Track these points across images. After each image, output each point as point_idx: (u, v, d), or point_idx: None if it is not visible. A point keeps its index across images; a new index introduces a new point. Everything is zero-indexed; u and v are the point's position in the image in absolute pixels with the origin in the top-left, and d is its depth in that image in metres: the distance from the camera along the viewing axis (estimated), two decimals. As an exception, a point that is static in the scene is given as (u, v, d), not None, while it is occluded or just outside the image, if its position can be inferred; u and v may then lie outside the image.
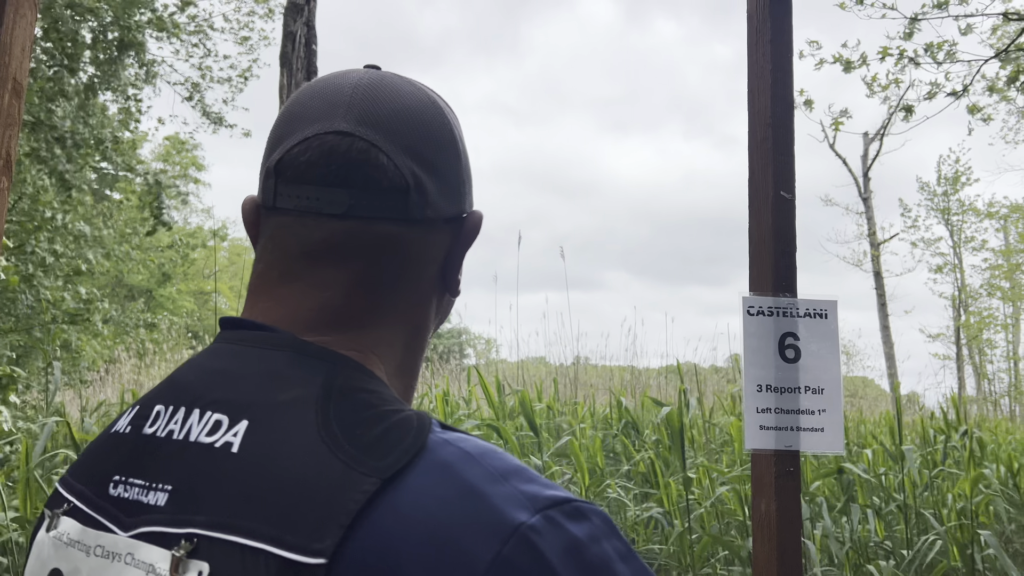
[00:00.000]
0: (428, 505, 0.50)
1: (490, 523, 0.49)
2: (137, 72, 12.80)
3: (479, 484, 0.51)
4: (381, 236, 0.65)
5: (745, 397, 1.24)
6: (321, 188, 0.64)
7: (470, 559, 0.47)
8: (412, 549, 0.48)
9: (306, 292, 0.64)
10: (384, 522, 0.49)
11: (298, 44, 8.65)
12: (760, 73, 1.31)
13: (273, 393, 0.58)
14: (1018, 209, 24.72)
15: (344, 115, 0.65)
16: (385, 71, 0.73)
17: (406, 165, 0.65)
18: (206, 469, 0.55)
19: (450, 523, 0.49)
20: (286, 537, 0.49)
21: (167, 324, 19.43)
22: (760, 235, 1.30)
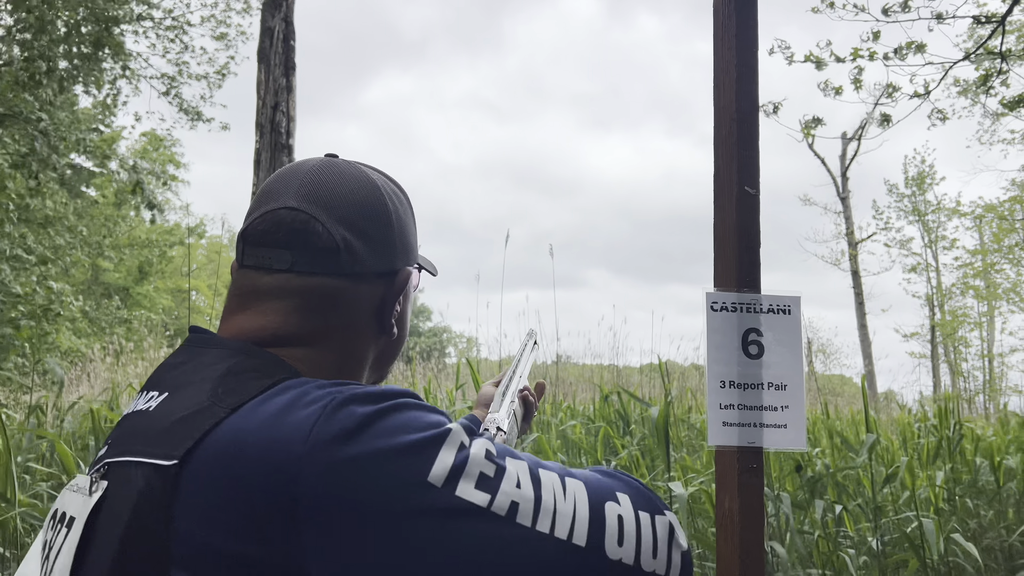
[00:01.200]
0: (253, 421, 0.70)
1: (293, 424, 0.68)
2: (113, 67, 12.64)
3: (293, 402, 0.71)
4: (316, 284, 0.86)
5: (708, 393, 1.23)
6: (272, 249, 0.86)
7: (280, 453, 0.67)
8: (241, 451, 0.68)
9: (254, 317, 0.85)
10: (223, 434, 0.70)
11: (276, 40, 8.58)
12: (725, 68, 1.30)
13: (198, 374, 0.79)
14: (992, 209, 25.03)
15: (294, 194, 0.88)
16: (340, 159, 0.95)
17: (338, 232, 0.87)
18: (132, 425, 0.79)
19: (263, 429, 0.69)
20: (156, 451, 0.72)
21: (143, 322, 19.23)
22: (724, 231, 1.30)
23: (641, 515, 0.74)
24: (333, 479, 0.65)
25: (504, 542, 0.67)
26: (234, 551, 0.65)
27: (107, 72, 12.43)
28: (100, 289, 24.63)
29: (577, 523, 0.70)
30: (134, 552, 0.69)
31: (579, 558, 0.69)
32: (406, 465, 0.67)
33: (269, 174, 8.01)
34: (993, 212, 24.82)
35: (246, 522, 0.65)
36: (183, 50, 14.33)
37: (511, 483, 0.70)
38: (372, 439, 0.68)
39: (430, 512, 0.66)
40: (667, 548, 0.73)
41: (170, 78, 14.41)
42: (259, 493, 0.65)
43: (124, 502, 0.72)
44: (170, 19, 13.83)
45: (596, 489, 0.74)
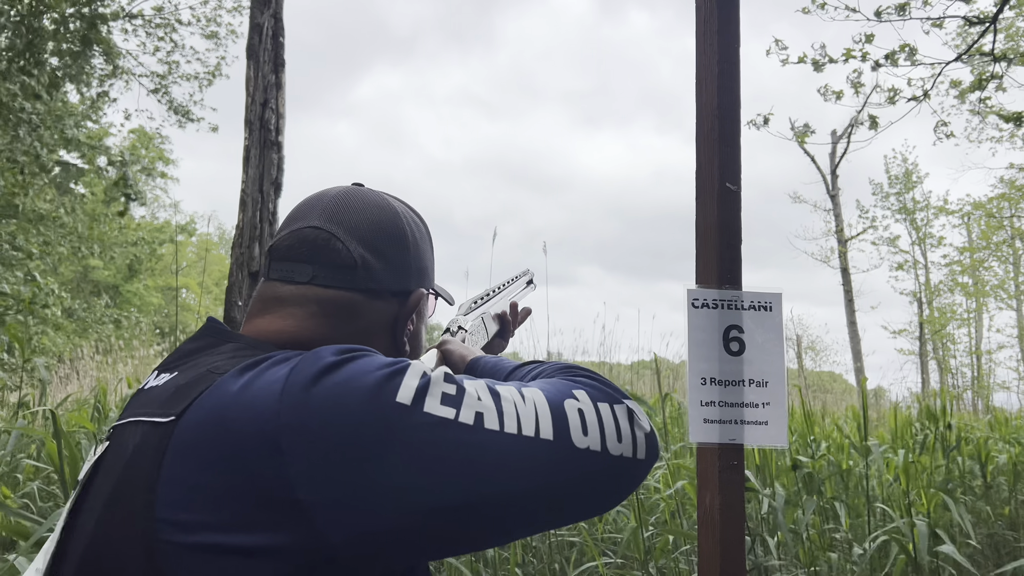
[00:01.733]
0: (240, 380, 0.75)
1: (272, 376, 0.75)
2: (104, 66, 12.56)
3: (274, 362, 0.77)
4: (334, 296, 0.94)
5: (689, 390, 1.23)
6: (295, 263, 0.94)
7: (261, 398, 0.72)
8: (228, 402, 0.73)
9: (273, 320, 0.93)
10: (212, 392, 0.75)
11: (265, 36, 8.54)
12: (707, 64, 1.30)
13: (211, 359, 0.84)
14: (981, 206, 25.16)
15: (318, 216, 0.96)
16: (365, 187, 1.04)
17: (356, 250, 0.94)
18: (141, 397, 0.85)
19: (247, 384, 0.75)
20: (156, 412, 0.78)
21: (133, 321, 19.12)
22: (705, 227, 1.29)
23: (600, 405, 0.79)
24: (310, 411, 0.70)
25: (478, 446, 0.72)
26: (221, 485, 0.69)
27: (96, 70, 12.35)
28: (89, 287, 24.52)
29: (541, 421, 0.75)
30: (122, 499, 0.74)
31: (550, 451, 0.74)
32: (375, 391, 0.72)
33: (258, 171, 7.98)
34: (981, 209, 24.95)
35: (233, 459, 0.70)
36: (173, 49, 14.24)
37: (472, 398, 0.75)
38: (342, 375, 0.73)
39: (404, 428, 0.71)
40: (630, 431, 0.79)
41: (159, 76, 14.32)
42: (245, 434, 0.70)
43: (119, 457, 0.78)
44: (159, 17, 13.74)
45: (553, 391, 0.80)
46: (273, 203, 7.98)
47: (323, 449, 0.69)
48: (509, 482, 0.72)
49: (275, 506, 0.68)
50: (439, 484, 0.70)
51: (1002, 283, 26.19)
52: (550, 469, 0.74)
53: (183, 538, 0.69)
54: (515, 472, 0.72)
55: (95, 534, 0.75)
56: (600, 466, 0.76)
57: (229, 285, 7.58)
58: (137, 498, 0.72)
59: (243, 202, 7.85)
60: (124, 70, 13.45)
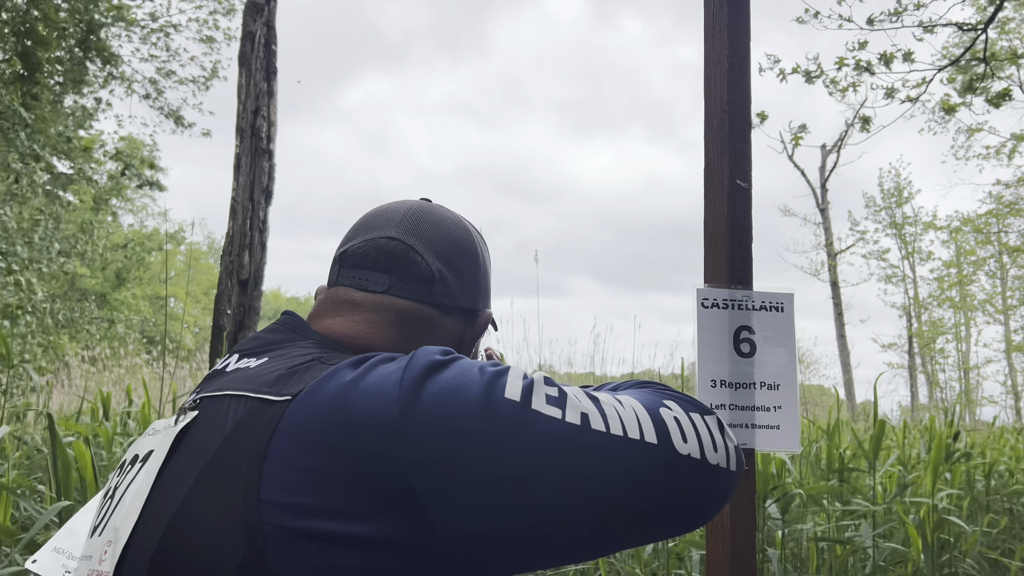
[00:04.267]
0: (350, 374, 0.74)
1: (386, 372, 0.73)
2: (100, 72, 12.49)
3: (381, 359, 0.76)
4: (409, 307, 0.93)
5: (699, 392, 1.19)
6: (371, 272, 0.93)
7: (380, 392, 0.71)
8: (346, 393, 0.71)
9: (347, 324, 0.92)
10: (326, 382, 0.73)
11: (257, 44, 8.51)
12: (716, 59, 1.27)
13: (295, 350, 0.85)
14: (968, 222, 25.34)
15: (395, 227, 0.95)
16: (435, 203, 1.03)
17: (434, 264, 0.94)
18: (232, 375, 0.83)
19: (360, 376, 0.73)
20: (266, 390, 0.76)
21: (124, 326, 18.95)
22: (715, 226, 1.26)
23: (693, 416, 0.78)
24: (427, 403, 0.70)
25: (587, 446, 0.70)
26: (335, 470, 0.68)
27: (93, 77, 12.28)
28: (76, 295, 24.31)
29: (643, 425, 0.74)
30: (221, 474, 0.72)
31: (656, 454, 0.73)
32: (488, 386, 0.72)
33: (249, 179, 7.93)
34: (969, 225, 25.13)
35: (351, 445, 0.68)
36: (169, 58, 14.18)
37: (575, 400, 0.74)
38: (454, 370, 0.74)
39: (517, 423, 0.70)
40: (723, 442, 0.78)
41: (153, 82, 14.25)
42: (365, 420, 0.69)
43: (215, 429, 0.76)
44: (155, 23, 13.68)
45: (645, 399, 0.79)
46: (263, 211, 7.93)
47: (439, 439, 0.68)
48: (617, 482, 0.71)
49: (389, 495, 0.67)
50: (550, 482, 0.69)
51: (990, 298, 26.35)
52: (658, 473, 0.73)
53: (288, 521, 0.67)
54: (625, 472, 0.71)
55: (184, 507, 0.72)
56: (702, 474, 0.75)
57: (218, 293, 7.52)
58: (239, 475, 0.70)
59: (233, 210, 7.80)
60: (122, 76, 13.39)
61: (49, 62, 10.43)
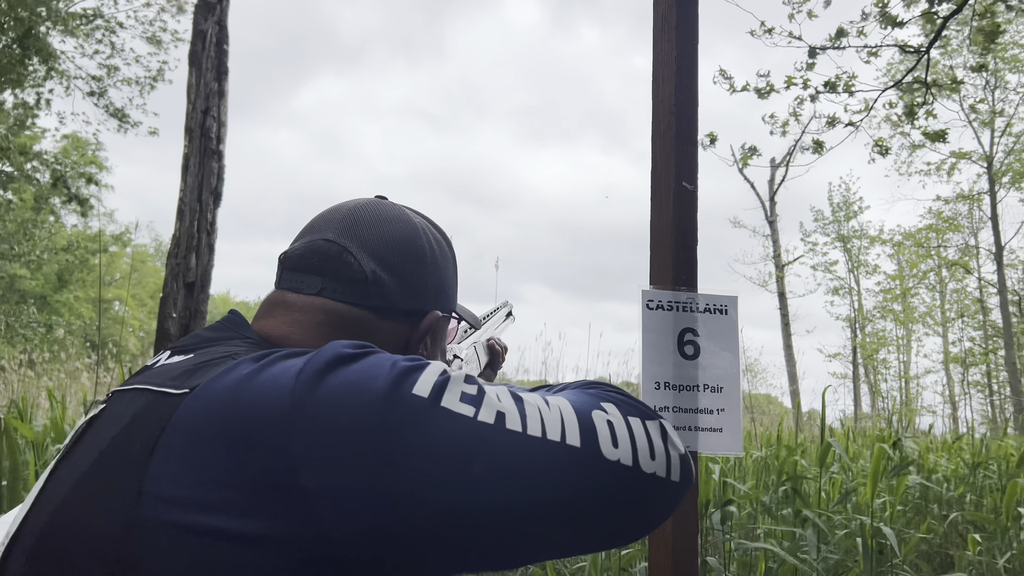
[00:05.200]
0: (253, 365, 0.72)
1: (288, 365, 0.71)
2: (37, 68, 12.13)
3: (289, 353, 0.74)
4: (342, 310, 0.91)
5: (643, 395, 1.18)
6: (304, 274, 0.92)
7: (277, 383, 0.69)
8: (241, 384, 0.70)
9: (279, 325, 0.91)
10: (230, 374, 0.72)
11: (208, 43, 8.35)
12: (665, 61, 1.26)
13: (224, 346, 0.84)
14: (910, 237, 26.09)
15: (333, 228, 0.94)
16: (387, 201, 1.01)
17: (368, 265, 0.92)
18: (152, 370, 0.81)
19: (261, 368, 0.72)
20: (168, 383, 0.74)
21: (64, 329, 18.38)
22: (661, 227, 1.25)
23: (631, 420, 0.73)
24: (324, 396, 0.67)
25: (498, 445, 0.66)
26: (223, 464, 0.65)
27: (32, 73, 11.93)
28: (16, 296, 23.52)
29: (567, 427, 0.69)
30: (110, 465, 0.70)
31: (577, 458, 0.68)
32: (393, 382, 0.68)
33: (198, 180, 7.77)
34: (911, 239, 25.87)
35: (240, 439, 0.66)
36: (112, 53, 13.85)
37: (493, 398, 0.70)
38: (360, 365, 0.70)
39: (419, 420, 0.66)
40: (664, 449, 0.72)
41: (97, 80, 13.90)
42: (256, 414, 0.67)
43: (116, 421, 0.74)
44: (99, 19, 13.35)
45: (580, 401, 0.74)
46: (212, 212, 7.77)
47: (331, 435, 0.65)
48: (530, 487, 0.66)
49: (275, 490, 0.64)
50: (451, 482, 0.65)
51: (930, 310, 27.15)
52: (577, 477, 0.67)
53: (169, 515, 0.64)
54: (538, 476, 0.66)
55: (70, 496, 0.71)
56: (633, 482, 0.69)
57: (164, 296, 7.34)
58: (126, 466, 0.68)
59: (180, 211, 7.63)
60: (61, 72, 13.03)
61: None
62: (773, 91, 7.55)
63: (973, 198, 23.25)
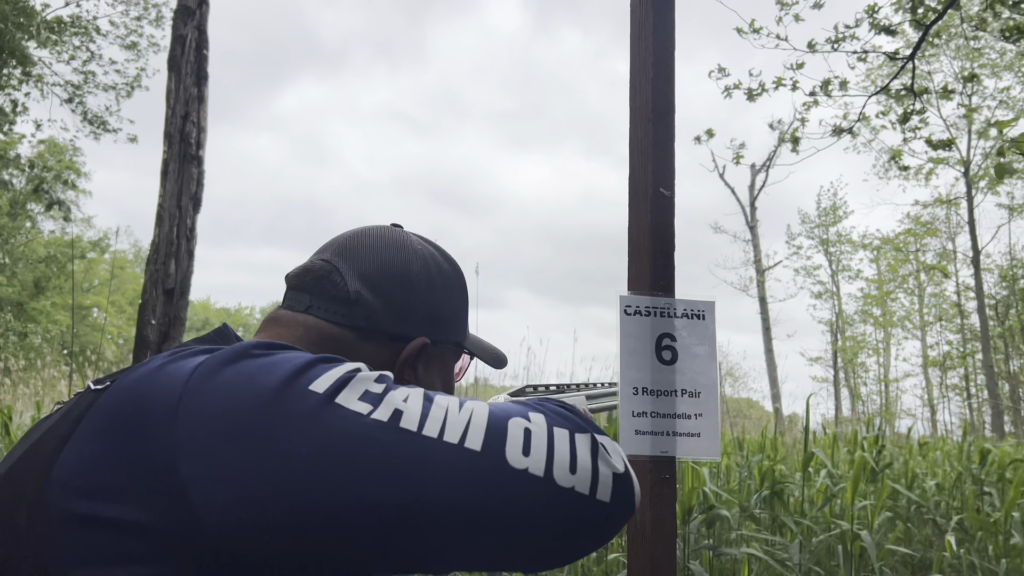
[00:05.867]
0: (164, 362, 0.74)
1: (193, 359, 0.73)
2: (11, 72, 12.01)
3: (203, 350, 0.76)
4: (326, 328, 0.92)
5: (621, 400, 1.18)
6: (297, 292, 0.95)
7: (175, 375, 0.71)
8: (143, 383, 0.71)
9: (265, 337, 0.92)
10: (141, 368, 0.74)
11: (188, 48, 8.30)
12: (642, 67, 1.27)
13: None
14: (889, 241, 26.36)
15: (329, 249, 0.97)
16: (401, 229, 1.02)
17: (354, 285, 0.93)
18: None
19: (168, 363, 0.73)
20: (102, 381, 0.77)
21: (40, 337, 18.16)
22: (638, 233, 1.26)
23: (556, 430, 0.69)
24: (215, 387, 0.68)
25: (384, 444, 0.64)
26: (115, 452, 0.67)
27: (7, 77, 11.80)
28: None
29: (471, 431, 0.66)
30: (30, 457, 0.73)
31: (473, 462, 0.65)
32: (290, 376, 0.68)
33: (177, 186, 7.71)
34: (890, 244, 26.14)
35: (133, 427, 0.68)
36: (90, 59, 13.74)
37: (397, 399, 0.68)
38: (265, 360, 0.71)
39: (304, 414, 0.65)
40: (590, 465, 0.67)
41: (74, 86, 13.78)
42: (151, 403, 0.68)
43: (51, 417, 0.78)
44: (76, 25, 13.25)
45: (503, 409, 0.71)
46: (191, 218, 7.71)
47: (214, 423, 0.66)
48: (410, 487, 0.63)
49: (157, 478, 0.65)
50: (329, 479, 0.63)
51: (908, 314, 27.43)
52: (470, 481, 0.64)
53: (64, 502, 0.67)
54: (423, 477, 0.63)
55: (2, 478, 0.74)
56: (540, 495, 0.65)
57: (143, 303, 7.27)
58: (43, 455, 0.71)
59: (160, 217, 7.57)
60: (38, 77, 12.91)
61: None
62: (764, 91, 7.59)
63: (951, 202, 23.54)
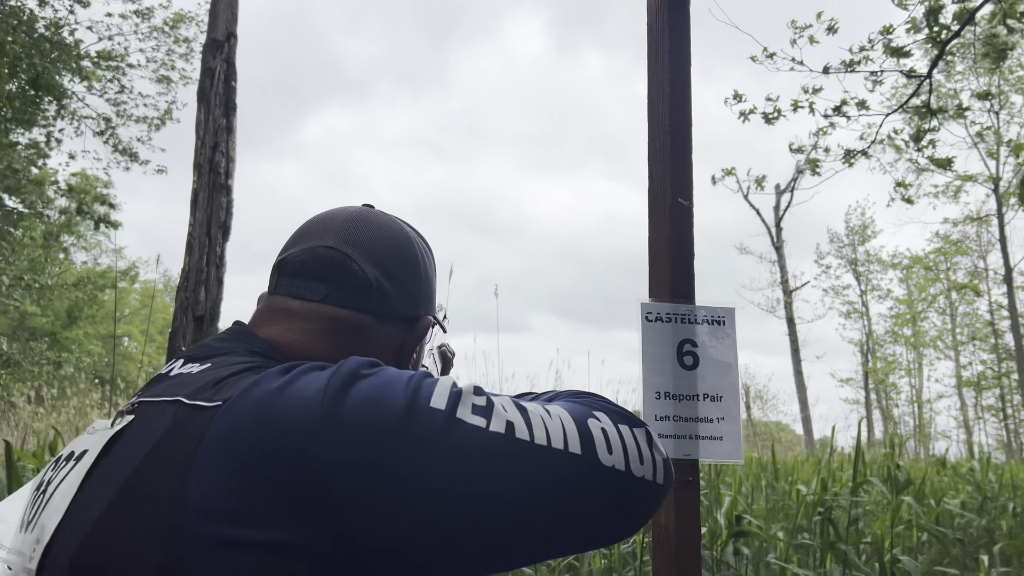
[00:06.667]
0: (277, 381, 0.75)
1: (313, 380, 0.75)
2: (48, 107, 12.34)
3: (310, 367, 0.77)
4: (345, 316, 0.93)
5: (644, 405, 1.21)
6: (307, 280, 0.94)
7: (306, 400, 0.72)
8: (271, 400, 0.72)
9: (283, 332, 0.93)
10: (259, 388, 0.74)
11: (217, 80, 8.49)
12: (659, 84, 1.31)
13: (237, 357, 0.86)
14: (919, 260, 26.05)
15: (333, 235, 0.96)
16: (376, 209, 1.04)
17: (371, 272, 0.95)
18: (173, 380, 0.84)
19: (286, 385, 0.74)
20: (198, 396, 0.77)
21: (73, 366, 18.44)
22: (659, 242, 1.29)
23: (621, 427, 0.79)
24: (350, 408, 0.71)
25: (510, 455, 0.72)
26: (258, 476, 0.68)
27: (43, 112, 12.13)
28: (26, 334, 23.65)
29: (569, 436, 0.74)
30: (148, 479, 0.72)
31: (578, 464, 0.74)
32: (412, 393, 0.72)
33: (207, 215, 7.86)
34: (919, 263, 25.83)
35: (274, 451, 0.69)
36: (121, 91, 14.09)
37: (501, 410, 0.75)
38: (380, 378, 0.75)
39: (439, 431, 0.71)
40: (650, 454, 0.79)
41: (106, 119, 14.13)
42: (288, 427, 0.70)
43: (148, 434, 0.76)
44: (108, 59, 13.61)
45: (575, 410, 0.80)
46: (220, 246, 7.84)
47: (360, 445, 0.69)
48: (540, 492, 0.72)
49: (306, 500, 0.67)
50: (470, 488, 0.70)
51: (940, 334, 27.01)
52: (579, 483, 0.73)
53: (208, 528, 0.67)
54: (546, 482, 0.72)
55: (108, 511, 0.72)
56: (625, 486, 0.76)
57: (173, 330, 7.39)
58: (165, 481, 0.70)
59: (190, 245, 7.71)
60: (72, 112, 13.26)
61: (1, 95, 10.29)
62: (781, 115, 7.60)
63: (981, 220, 23.25)
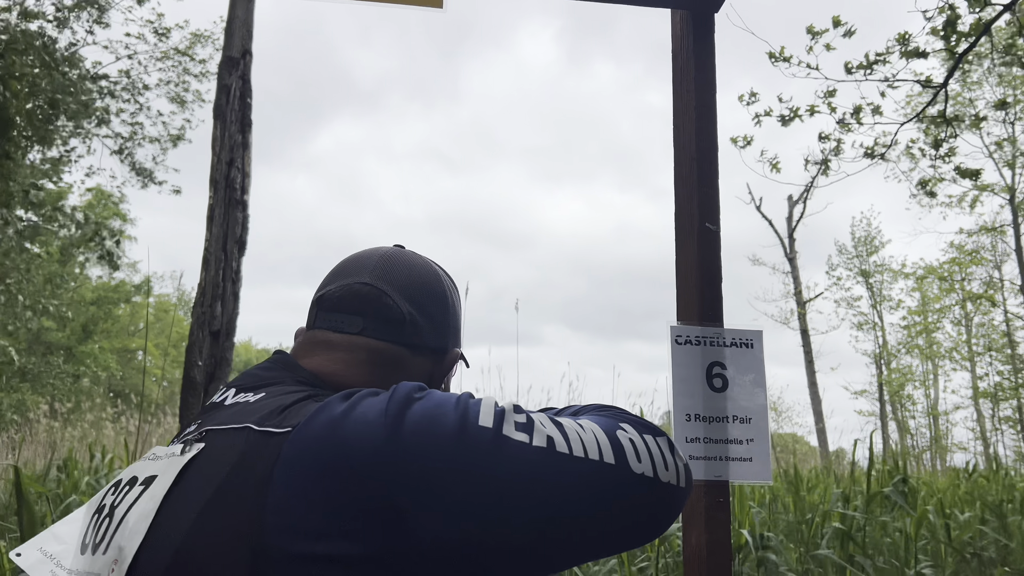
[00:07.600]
0: (340, 407, 0.80)
1: (372, 404, 0.81)
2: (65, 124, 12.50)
3: (367, 394, 0.83)
4: (382, 348, 1.00)
5: (674, 427, 1.23)
6: (345, 315, 1.01)
7: (368, 423, 0.79)
8: (336, 424, 0.78)
9: (324, 363, 0.99)
10: (325, 413, 0.80)
11: (233, 97, 8.58)
12: (685, 110, 1.34)
13: (288, 387, 0.93)
14: (932, 271, 25.89)
15: (369, 273, 1.03)
16: (407, 249, 1.12)
17: (405, 307, 1.02)
18: (233, 409, 0.90)
19: (348, 410, 0.80)
20: (267, 422, 0.82)
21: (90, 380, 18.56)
22: (686, 266, 1.32)
23: (646, 436, 0.86)
24: (410, 429, 0.77)
25: (553, 468, 0.78)
26: (330, 495, 0.74)
27: (60, 130, 12.28)
28: (42, 348, 23.84)
29: (602, 447, 0.81)
30: (229, 502, 0.77)
31: (614, 474, 0.81)
32: (461, 415, 0.79)
33: (223, 230, 7.93)
34: (933, 273, 25.67)
35: (344, 471, 0.75)
36: (138, 110, 14.26)
37: (541, 426, 0.81)
38: (432, 400, 0.81)
39: (490, 448, 0.77)
40: (674, 461, 0.86)
41: (123, 138, 14.29)
42: (356, 448, 0.76)
43: (222, 460, 0.82)
44: (125, 79, 13.78)
45: (603, 422, 0.86)
46: (236, 261, 7.90)
47: (422, 462, 0.76)
48: (582, 501, 0.79)
49: (376, 514, 0.74)
50: (522, 501, 0.77)
51: (956, 345, 26.80)
52: (615, 491, 0.81)
53: (290, 545, 0.73)
54: (586, 491, 0.79)
55: (192, 533, 0.77)
56: (654, 492, 0.83)
57: (189, 345, 7.44)
58: (246, 502, 0.76)
59: (206, 260, 7.77)
60: (87, 131, 13.42)
61: (21, 115, 10.43)
62: (797, 116, 7.60)
63: (996, 230, 23.10)
